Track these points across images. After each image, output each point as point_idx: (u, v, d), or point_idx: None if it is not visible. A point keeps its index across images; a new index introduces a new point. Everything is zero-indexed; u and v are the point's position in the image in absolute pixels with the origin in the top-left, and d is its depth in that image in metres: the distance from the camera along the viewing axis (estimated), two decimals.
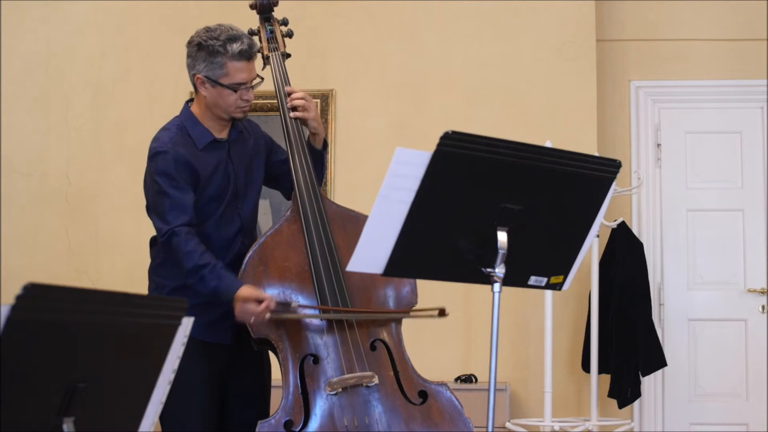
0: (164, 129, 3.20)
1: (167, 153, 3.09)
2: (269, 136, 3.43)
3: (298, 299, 3.14)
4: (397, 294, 3.23)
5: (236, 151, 3.25)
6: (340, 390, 3.04)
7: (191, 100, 3.26)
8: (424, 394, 3.13)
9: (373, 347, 3.14)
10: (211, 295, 3.02)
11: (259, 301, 2.98)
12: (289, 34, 3.50)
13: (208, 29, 3.13)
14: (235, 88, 3.11)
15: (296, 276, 3.15)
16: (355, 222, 3.23)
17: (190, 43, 3.15)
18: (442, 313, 3.18)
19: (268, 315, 2.99)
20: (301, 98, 3.29)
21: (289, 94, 3.31)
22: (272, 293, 3.11)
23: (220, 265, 3.03)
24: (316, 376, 3.07)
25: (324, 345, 3.11)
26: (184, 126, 3.18)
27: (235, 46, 3.08)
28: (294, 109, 3.29)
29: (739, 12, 5.72)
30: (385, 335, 3.18)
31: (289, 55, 3.46)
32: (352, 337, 3.12)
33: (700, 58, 5.76)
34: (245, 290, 3.00)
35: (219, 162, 3.19)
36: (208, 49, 3.09)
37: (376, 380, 3.07)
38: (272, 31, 3.45)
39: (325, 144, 3.39)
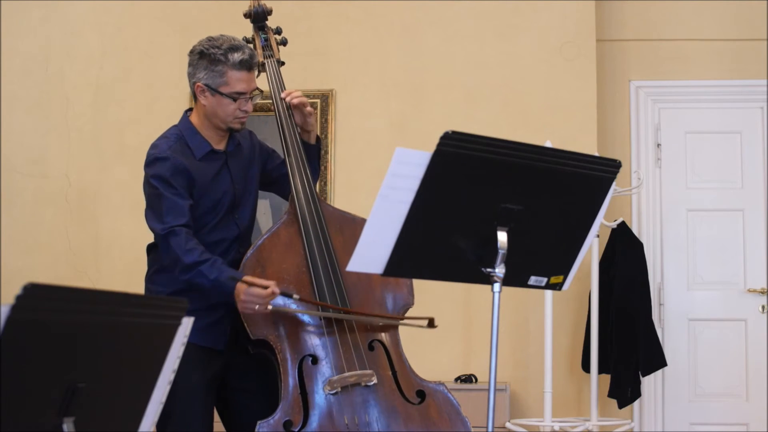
0: (163, 137, 3.21)
1: (166, 159, 3.10)
2: (262, 142, 3.45)
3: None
4: (394, 295, 3.24)
5: (234, 163, 3.26)
6: (339, 389, 3.05)
7: (190, 109, 3.27)
8: (422, 394, 3.13)
9: (371, 347, 3.15)
10: (212, 289, 3.01)
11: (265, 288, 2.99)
12: (284, 42, 3.54)
13: (210, 38, 3.15)
14: (234, 97, 3.12)
15: (294, 278, 3.16)
16: (351, 224, 3.25)
17: (192, 52, 3.17)
18: (431, 324, 3.20)
19: (270, 307, 2.99)
20: (299, 96, 3.33)
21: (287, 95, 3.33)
22: None
23: (220, 261, 3.04)
24: (315, 376, 3.08)
25: (323, 345, 3.12)
26: (182, 135, 3.19)
27: (236, 56, 3.10)
28: (295, 106, 3.32)
29: (739, 12, 5.72)
30: (382, 336, 3.19)
31: (283, 63, 3.50)
32: (351, 337, 3.12)
33: (700, 58, 5.75)
34: (250, 277, 3.02)
35: (216, 173, 3.20)
36: (209, 57, 3.11)
37: (375, 379, 3.08)
38: (267, 39, 3.50)
39: (318, 138, 3.42)
